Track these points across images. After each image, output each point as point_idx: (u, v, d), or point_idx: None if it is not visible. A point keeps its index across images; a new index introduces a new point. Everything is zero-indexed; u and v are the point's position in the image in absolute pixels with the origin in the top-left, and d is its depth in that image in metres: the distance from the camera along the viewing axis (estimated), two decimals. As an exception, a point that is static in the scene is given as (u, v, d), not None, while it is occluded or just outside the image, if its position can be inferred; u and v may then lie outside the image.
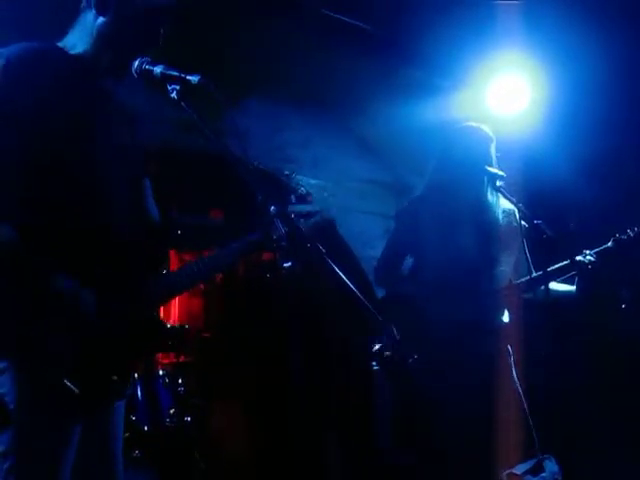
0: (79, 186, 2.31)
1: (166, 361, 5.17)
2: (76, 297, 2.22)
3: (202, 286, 6.27)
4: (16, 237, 2.16)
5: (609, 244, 3.93)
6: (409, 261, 4.00)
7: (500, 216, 3.98)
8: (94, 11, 2.45)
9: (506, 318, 3.91)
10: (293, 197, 2.42)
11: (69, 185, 2.29)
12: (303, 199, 2.77)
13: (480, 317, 3.77)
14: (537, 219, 3.63)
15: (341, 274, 2.20)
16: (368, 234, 5.66)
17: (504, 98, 5.26)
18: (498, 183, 3.78)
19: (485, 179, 3.92)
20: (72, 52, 2.46)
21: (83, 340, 2.20)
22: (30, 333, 2.14)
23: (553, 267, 3.81)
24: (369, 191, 6.04)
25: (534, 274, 3.82)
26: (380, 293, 4.32)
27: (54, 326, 2.16)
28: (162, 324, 2.57)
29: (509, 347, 3.89)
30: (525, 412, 3.78)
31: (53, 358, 2.15)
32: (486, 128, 4.03)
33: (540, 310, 3.97)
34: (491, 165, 3.89)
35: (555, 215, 4.13)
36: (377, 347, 2.18)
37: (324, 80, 5.45)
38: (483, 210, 3.96)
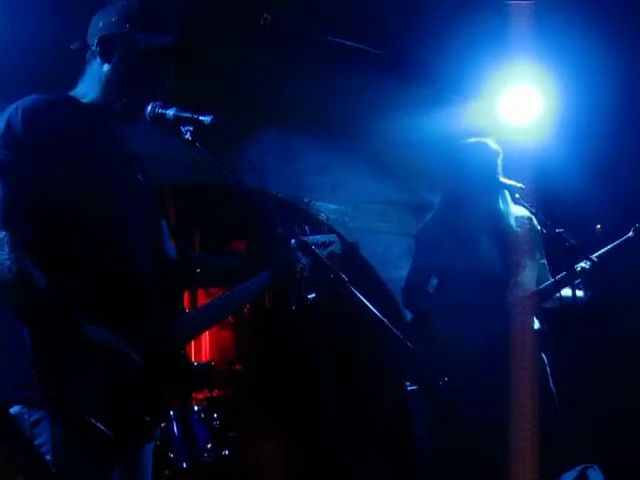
0: (98, 228, 2.34)
1: (200, 396, 5.19)
2: (122, 352, 2.26)
3: (231, 319, 6.30)
4: (49, 284, 2.19)
5: (630, 234, 3.90)
6: (434, 282, 4.00)
7: (513, 223, 3.98)
8: (99, 59, 2.50)
9: (536, 325, 3.89)
10: (307, 228, 2.43)
11: (88, 227, 2.32)
12: (318, 228, 2.79)
13: (510, 329, 3.75)
14: (558, 228, 3.63)
15: (366, 302, 2.20)
16: (392, 254, 5.66)
17: (516, 109, 5.27)
18: (517, 195, 3.78)
19: (497, 191, 3.93)
20: (84, 100, 2.51)
21: (118, 385, 2.23)
22: (67, 382, 2.16)
23: (572, 269, 3.78)
24: (389, 211, 6.04)
25: (551, 280, 3.83)
26: (408, 316, 4.32)
27: (92, 374, 2.18)
28: (190, 362, 2.58)
29: (543, 355, 3.87)
30: (562, 421, 3.76)
31: (88, 404, 2.16)
32: (491, 141, 4.04)
33: (567, 317, 3.96)
34: (499, 177, 3.90)
35: (572, 223, 4.11)
36: (407, 371, 2.18)
37: (336, 104, 5.47)
38: (498, 220, 3.97)
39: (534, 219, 3.95)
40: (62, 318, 2.19)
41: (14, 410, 2.23)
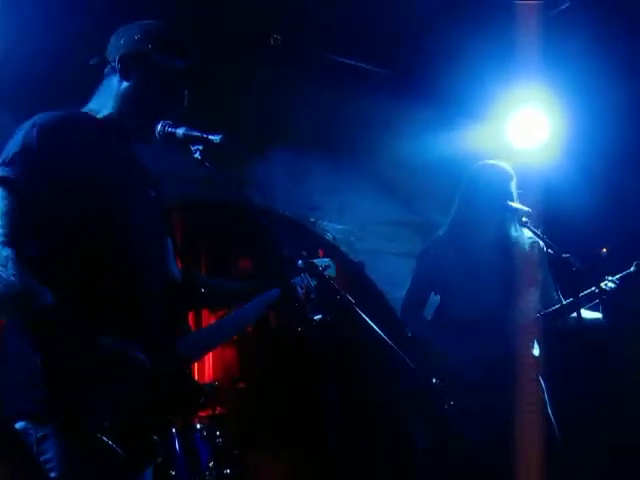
0: (110, 245, 2.34)
1: (203, 414, 5.17)
2: (127, 354, 2.24)
3: (235, 337, 6.28)
4: (57, 300, 2.17)
5: (632, 269, 3.90)
6: (435, 299, 4.00)
7: (525, 249, 3.97)
8: (118, 76, 2.52)
9: (536, 351, 3.87)
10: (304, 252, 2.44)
11: (100, 244, 2.32)
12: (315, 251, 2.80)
13: (509, 354, 3.72)
14: (564, 252, 3.62)
15: (372, 323, 2.20)
16: (398, 275, 5.63)
17: (524, 131, 5.29)
18: (524, 219, 3.78)
19: (508, 215, 3.92)
20: (98, 116, 2.52)
21: (127, 401, 2.21)
22: (76, 397, 2.14)
23: (580, 295, 3.77)
24: (396, 232, 6.03)
25: (563, 302, 3.81)
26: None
27: (101, 387, 2.17)
28: (195, 382, 2.57)
29: (541, 380, 3.84)
30: (559, 446, 3.73)
31: (98, 421, 2.14)
32: (506, 165, 4.04)
33: (573, 340, 3.94)
34: (512, 201, 3.89)
35: (580, 246, 4.11)
36: (410, 392, 2.18)
37: (344, 124, 5.50)
38: (507, 246, 3.95)
39: (541, 242, 3.94)
40: (72, 331, 2.17)
41: (19, 425, 2.21)
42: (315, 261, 2.60)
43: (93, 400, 2.15)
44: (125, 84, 2.51)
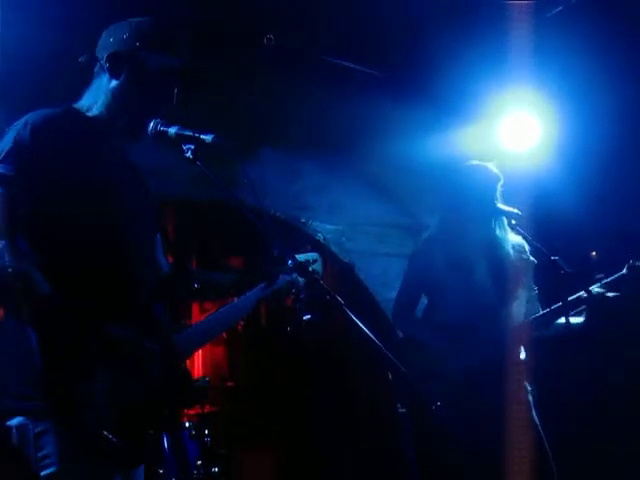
0: (101, 240, 2.35)
1: (192, 412, 5.18)
2: (139, 345, 2.26)
3: (225, 335, 6.30)
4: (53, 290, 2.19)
5: (624, 271, 3.89)
6: (424, 302, 4.01)
7: (511, 251, 3.98)
8: (107, 74, 2.52)
9: (523, 355, 3.88)
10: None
11: (91, 239, 2.33)
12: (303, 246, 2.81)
13: (497, 356, 3.73)
14: (554, 255, 3.63)
15: (361, 324, 2.20)
16: (388, 276, 5.65)
17: (515, 134, 5.30)
18: (513, 221, 3.79)
19: (495, 216, 3.93)
20: (88, 114, 2.52)
21: (126, 394, 2.23)
22: (75, 392, 2.14)
23: (568, 299, 3.78)
24: (387, 233, 6.04)
25: (546, 310, 3.81)
26: (400, 334, 4.31)
27: (100, 379, 2.18)
28: (190, 377, 2.58)
29: (527, 385, 3.85)
30: (546, 451, 3.74)
31: (97, 414, 2.15)
32: (493, 166, 4.05)
33: (560, 345, 3.95)
34: (497, 202, 3.91)
35: (569, 249, 4.11)
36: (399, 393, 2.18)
37: (337, 125, 5.50)
38: (494, 247, 3.95)
39: (527, 247, 3.95)
40: (71, 317, 2.19)
41: (16, 421, 2.21)
42: (302, 255, 2.61)
43: (92, 395, 2.15)
44: (114, 82, 2.52)
